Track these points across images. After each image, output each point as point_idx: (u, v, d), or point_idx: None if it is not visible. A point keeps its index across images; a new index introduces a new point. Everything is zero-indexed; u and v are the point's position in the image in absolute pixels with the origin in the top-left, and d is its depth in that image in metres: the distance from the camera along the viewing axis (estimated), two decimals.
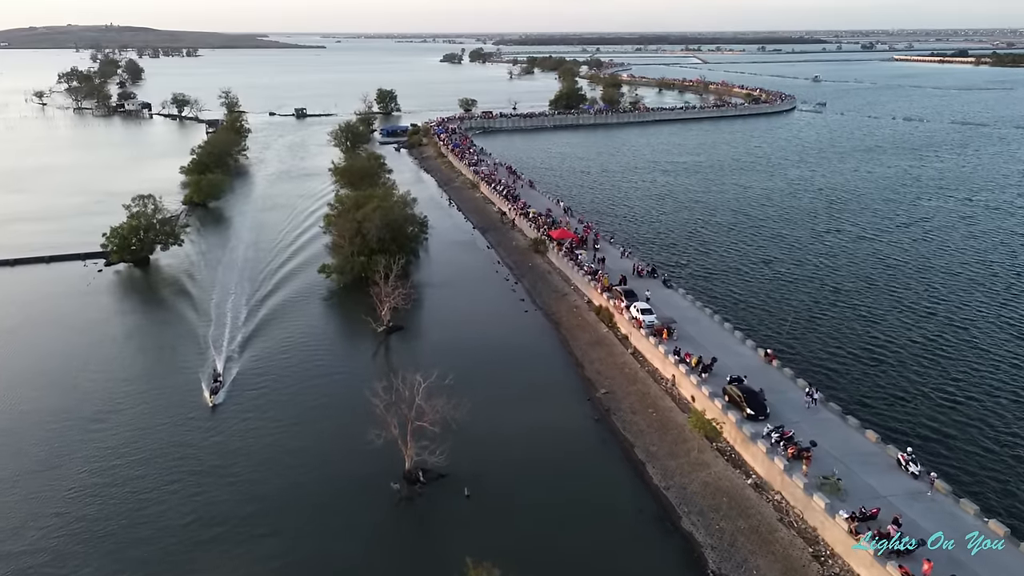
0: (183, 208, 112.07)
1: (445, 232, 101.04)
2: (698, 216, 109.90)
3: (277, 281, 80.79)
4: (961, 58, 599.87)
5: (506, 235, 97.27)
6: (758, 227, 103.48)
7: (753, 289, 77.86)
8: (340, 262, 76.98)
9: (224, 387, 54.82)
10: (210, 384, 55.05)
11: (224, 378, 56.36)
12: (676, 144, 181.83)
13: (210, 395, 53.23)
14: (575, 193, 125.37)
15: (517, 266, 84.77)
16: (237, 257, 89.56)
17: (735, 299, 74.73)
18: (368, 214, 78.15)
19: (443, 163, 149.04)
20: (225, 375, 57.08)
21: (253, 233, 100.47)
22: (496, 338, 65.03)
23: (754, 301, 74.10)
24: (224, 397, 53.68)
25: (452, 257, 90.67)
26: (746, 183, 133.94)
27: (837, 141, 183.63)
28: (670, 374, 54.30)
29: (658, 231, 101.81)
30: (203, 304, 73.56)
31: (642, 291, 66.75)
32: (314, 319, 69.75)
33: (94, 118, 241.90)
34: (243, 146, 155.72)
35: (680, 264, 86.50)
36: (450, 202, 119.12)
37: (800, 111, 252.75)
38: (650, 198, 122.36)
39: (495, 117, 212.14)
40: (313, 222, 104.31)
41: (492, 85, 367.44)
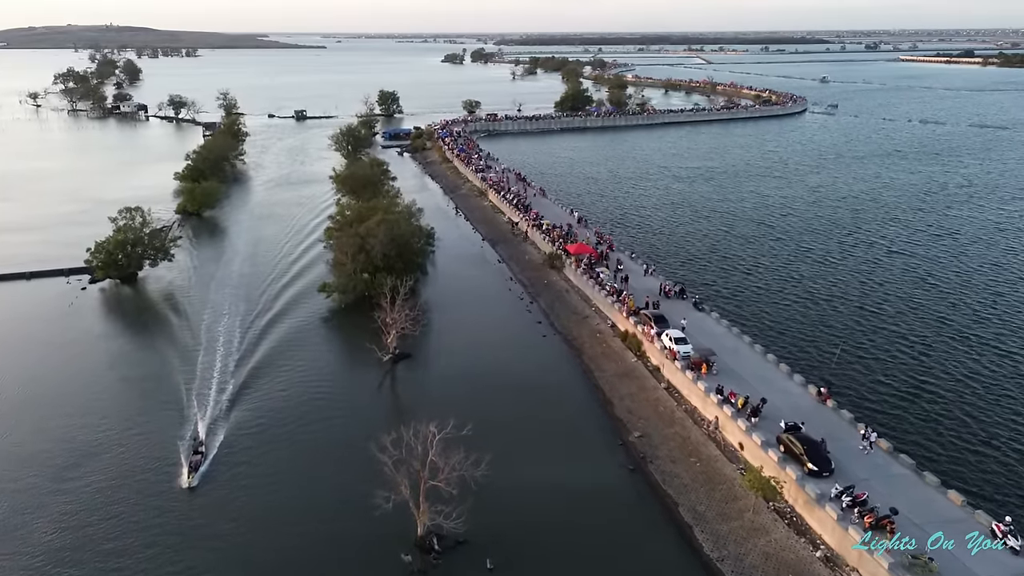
0: (176, 218, 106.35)
1: (453, 244, 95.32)
2: (717, 227, 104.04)
3: (274, 300, 75.04)
4: (968, 58, 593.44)
5: (518, 248, 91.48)
6: (782, 239, 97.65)
7: (788, 311, 71.96)
8: (342, 281, 71.24)
9: (207, 459, 45.91)
10: (189, 456, 45.73)
11: (214, 428, 49.68)
12: (687, 148, 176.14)
13: (188, 473, 44.18)
14: (586, 201, 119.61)
15: (532, 283, 78.99)
16: (232, 272, 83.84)
17: (771, 323, 68.81)
18: (372, 229, 72.40)
19: (448, 168, 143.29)
20: (215, 419, 51.15)
21: (249, 245, 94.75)
22: (513, 369, 59.24)
23: (793, 326, 68.15)
24: (208, 466, 45.37)
25: (461, 272, 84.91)
26: (764, 191, 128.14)
27: (854, 145, 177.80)
28: (712, 415, 48.52)
29: (676, 244, 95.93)
30: (193, 327, 67.80)
31: (674, 316, 60.95)
32: (313, 347, 63.88)
33: (89, 120, 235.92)
34: (240, 151, 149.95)
35: (705, 282, 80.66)
36: (457, 211, 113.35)
37: (812, 113, 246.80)
38: (665, 207, 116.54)
39: (500, 120, 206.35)
40: (313, 233, 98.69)
41: (495, 86, 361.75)
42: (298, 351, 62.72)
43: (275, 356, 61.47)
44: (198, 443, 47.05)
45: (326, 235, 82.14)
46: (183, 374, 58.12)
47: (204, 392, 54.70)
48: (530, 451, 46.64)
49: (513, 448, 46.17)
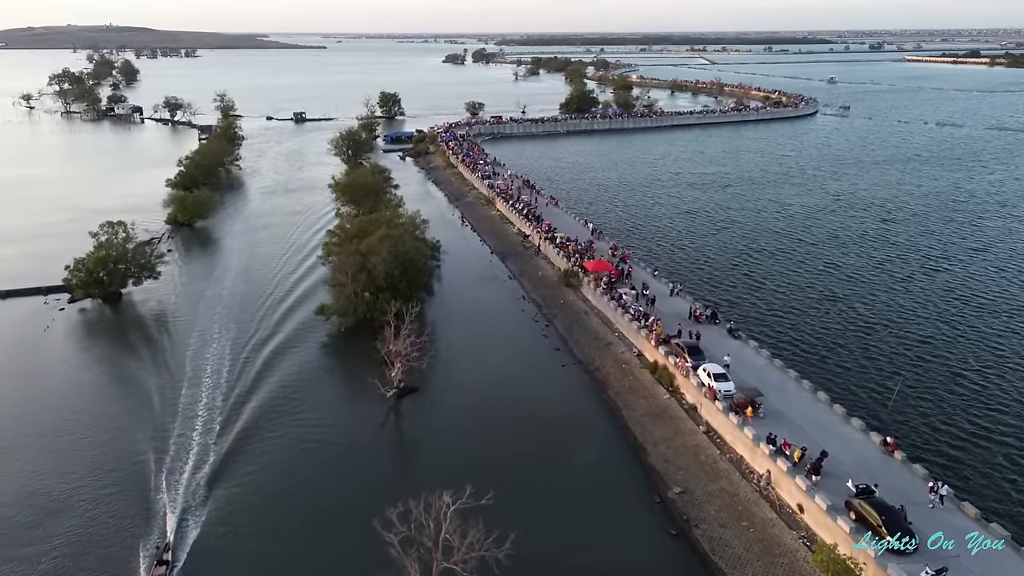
0: (166, 229, 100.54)
1: (459, 257, 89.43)
2: (737, 239, 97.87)
3: (268, 322, 69.14)
4: (974, 59, 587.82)
5: (530, 263, 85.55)
6: (809, 254, 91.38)
7: (828, 337, 65.74)
8: (341, 303, 65.32)
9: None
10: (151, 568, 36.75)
11: (188, 512, 41.24)
12: (697, 152, 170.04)
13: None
14: (596, 210, 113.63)
15: (546, 303, 73.07)
16: (223, 290, 77.96)
17: (811, 351, 62.65)
18: (373, 245, 66.46)
19: (453, 174, 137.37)
20: (190, 501, 42.54)
21: (243, 259, 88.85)
22: (531, 405, 53.28)
23: (836, 355, 61.79)
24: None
25: (470, 290, 78.96)
26: (783, 199, 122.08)
27: (872, 149, 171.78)
28: (763, 468, 42.58)
29: (695, 258, 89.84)
30: (178, 355, 61.96)
31: (708, 345, 55.00)
32: (309, 380, 57.85)
33: (82, 122, 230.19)
34: (236, 156, 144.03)
35: (730, 301, 74.58)
36: (463, 221, 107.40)
37: (824, 115, 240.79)
38: (679, 217, 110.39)
39: (505, 122, 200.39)
40: (311, 245, 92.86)
41: (497, 87, 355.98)
42: (292, 385, 56.80)
43: (266, 393, 55.54)
44: (164, 547, 38.04)
45: (324, 251, 76.21)
46: (163, 414, 52.24)
47: (183, 448, 48.27)
48: (558, 516, 40.48)
49: (537, 513, 40.11)
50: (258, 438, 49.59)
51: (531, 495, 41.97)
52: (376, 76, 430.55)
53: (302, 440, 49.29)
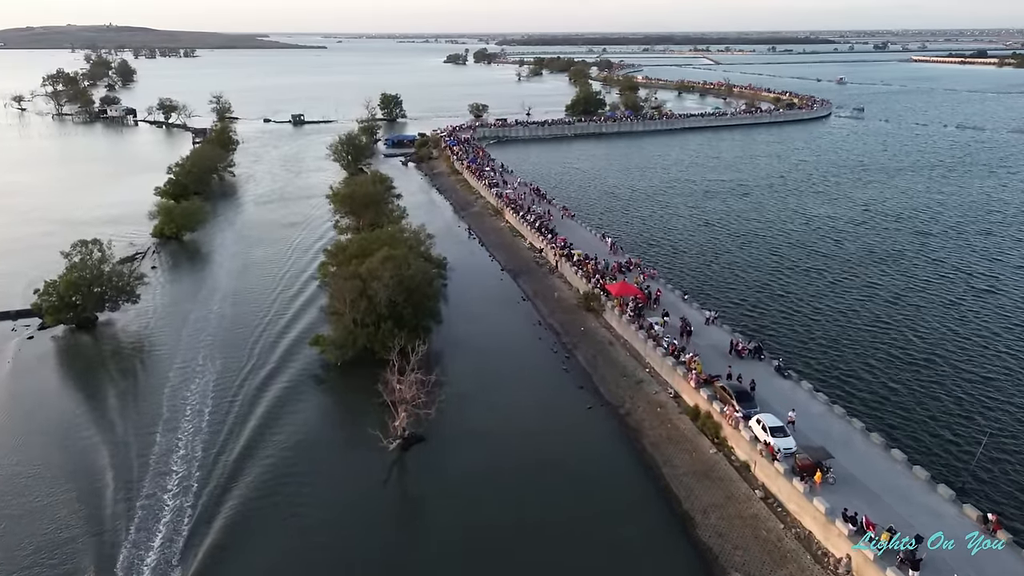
0: (152, 243, 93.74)
1: (468, 275, 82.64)
2: (764, 255, 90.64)
3: (257, 352, 62.36)
4: (981, 59, 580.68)
5: (545, 282, 78.68)
6: (844, 272, 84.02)
7: (885, 375, 58.30)
8: (339, 334, 58.53)
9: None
10: None
11: None
12: (710, 157, 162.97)
13: None
14: (608, 221, 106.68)
15: (565, 330, 66.22)
16: (210, 313, 71.16)
17: (867, 391, 55.50)
18: (375, 269, 59.63)
19: (458, 181, 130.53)
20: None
21: (233, 277, 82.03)
22: (556, 459, 46.42)
23: (898, 398, 54.51)
24: None
25: (480, 313, 72.06)
26: (808, 209, 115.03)
27: (894, 155, 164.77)
28: (842, 552, 35.74)
29: (721, 277, 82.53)
30: (156, 392, 55.26)
31: (766, 395, 48.13)
32: (301, 426, 50.89)
33: (74, 125, 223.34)
34: (230, 161, 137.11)
35: (764, 328, 67.47)
36: (470, 233, 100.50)
37: (838, 117, 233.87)
38: (697, 229, 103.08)
39: (511, 125, 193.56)
40: (308, 260, 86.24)
41: (500, 88, 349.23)
42: (283, 431, 49.98)
43: (252, 441, 48.73)
44: None
45: (320, 272, 69.30)
46: (132, 468, 45.46)
47: (152, 514, 41.42)
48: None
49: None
50: (242, 500, 42.83)
51: None
52: (376, 76, 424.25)
53: (292, 503, 42.48)
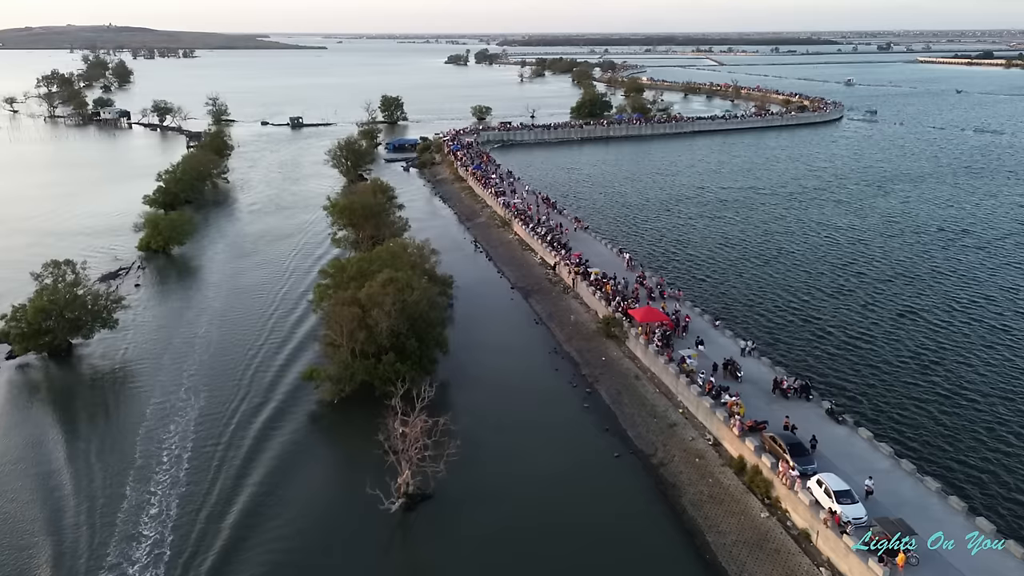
0: (138, 257, 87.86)
1: (475, 293, 76.73)
2: (789, 273, 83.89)
3: (245, 384, 56.55)
4: (988, 60, 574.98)
5: (560, 304, 72.65)
6: (878, 294, 76.61)
7: (946, 419, 51.85)
8: (335, 368, 52.58)
9: None
10: None
11: None
12: (722, 163, 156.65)
13: None
14: (620, 232, 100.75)
15: (585, 360, 60.23)
16: (196, 339, 65.26)
17: (928, 438, 49.24)
18: (375, 295, 53.66)
19: (462, 188, 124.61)
20: None
21: (223, 296, 76.11)
22: (582, 522, 40.42)
23: (963, 446, 48.30)
24: None
25: (489, 338, 66.06)
26: (830, 220, 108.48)
27: (913, 160, 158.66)
28: None
29: (744, 298, 75.93)
30: (129, 435, 49.37)
31: (807, 432, 42.06)
32: (293, 478, 44.87)
33: (66, 128, 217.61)
34: (223, 168, 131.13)
35: (797, 359, 61.32)
36: (476, 246, 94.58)
37: (850, 120, 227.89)
38: (717, 242, 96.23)
39: (515, 128, 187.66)
40: (305, 277, 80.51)
41: (503, 89, 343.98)
42: (271, 485, 44.03)
43: (236, 497, 42.82)
44: None
45: (316, 295, 63.25)
46: (95, 530, 39.51)
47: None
48: None
49: None
50: (223, 573, 36.96)
51: None
52: (377, 77, 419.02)
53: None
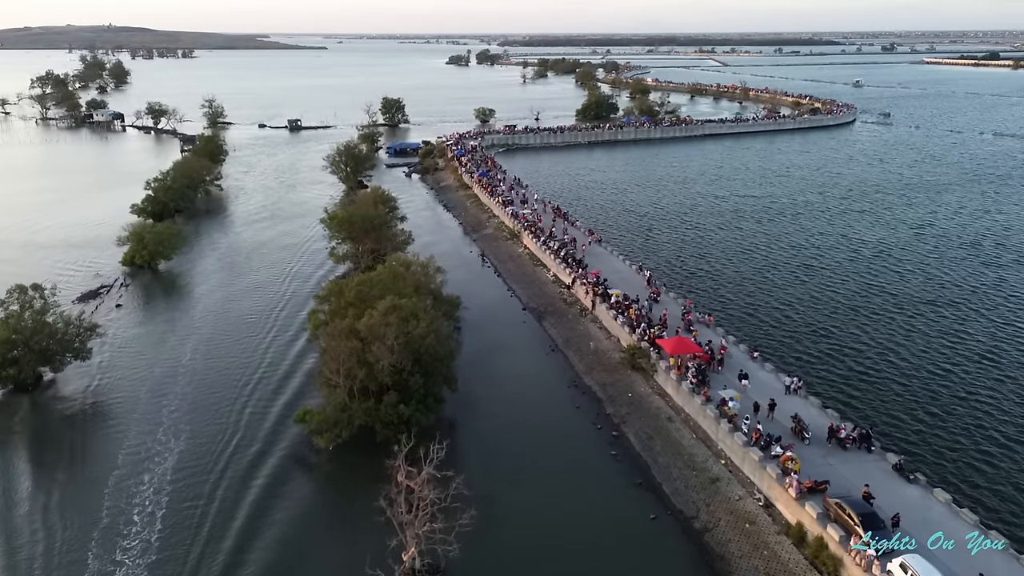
0: (121, 273, 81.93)
1: (483, 313, 70.81)
2: (818, 294, 76.96)
3: (230, 425, 50.64)
4: (995, 61, 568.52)
5: (577, 328, 66.63)
6: (920, 322, 69.45)
7: (1019, 475, 46.46)
8: (331, 410, 46.60)
9: None
10: None
11: None
12: (735, 168, 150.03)
13: None
14: (633, 244, 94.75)
15: (609, 395, 54.25)
16: (180, 368, 59.39)
17: (1007, 495, 43.63)
18: (376, 326, 47.72)
19: (467, 196, 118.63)
20: None
21: (211, 319, 70.12)
22: None
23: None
24: None
25: (501, 368, 60.04)
26: (856, 233, 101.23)
27: (935, 166, 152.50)
28: None
29: (773, 321, 69.62)
30: (97, 486, 43.48)
31: (903, 521, 36.01)
32: (282, 550, 38.87)
33: (58, 130, 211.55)
34: (217, 174, 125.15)
35: (840, 396, 55.40)
36: (483, 260, 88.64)
37: (864, 123, 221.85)
38: (737, 257, 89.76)
39: (520, 132, 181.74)
40: (303, 294, 74.68)
41: (505, 90, 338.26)
42: (254, 558, 38.09)
43: (210, 570, 36.93)
44: None
45: (310, 324, 57.24)
46: None
47: None
48: None
49: None
50: None
51: None
52: (377, 78, 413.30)
53: None
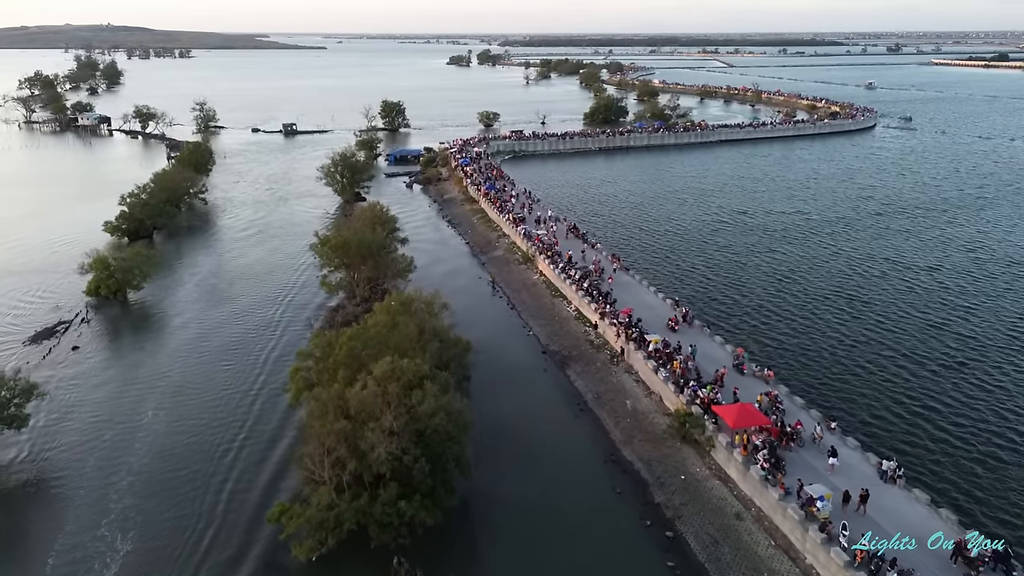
0: (85, 304, 72.19)
1: (496, 355, 61.08)
2: (875, 335, 66.31)
3: (194, 517, 40.96)
4: (1006, 63, 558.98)
5: (608, 379, 56.73)
6: (996, 367, 60.60)
7: None
8: (314, 511, 36.88)
9: None
10: None
11: None
12: (756, 179, 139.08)
13: None
14: (659, 272, 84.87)
15: (655, 476, 44.39)
16: (136, 433, 49.71)
17: None
18: (370, 404, 37.97)
19: (473, 211, 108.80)
20: None
21: (181, 364, 60.36)
22: None
23: None
24: None
25: (520, 431, 50.00)
26: (905, 257, 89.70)
27: (973, 178, 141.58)
28: None
29: (829, 369, 59.68)
30: None
31: None
32: None
33: (42, 135, 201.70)
34: (202, 187, 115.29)
35: (957, 487, 45.77)
36: (494, 288, 78.83)
37: (886, 128, 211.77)
38: (777, 288, 78.56)
39: (527, 138, 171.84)
40: (296, 329, 65.00)
41: (508, 92, 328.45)
42: None
43: None
44: None
45: (292, 385, 47.26)
46: None
47: None
48: None
49: None
50: None
51: None
52: (377, 79, 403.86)
53: None
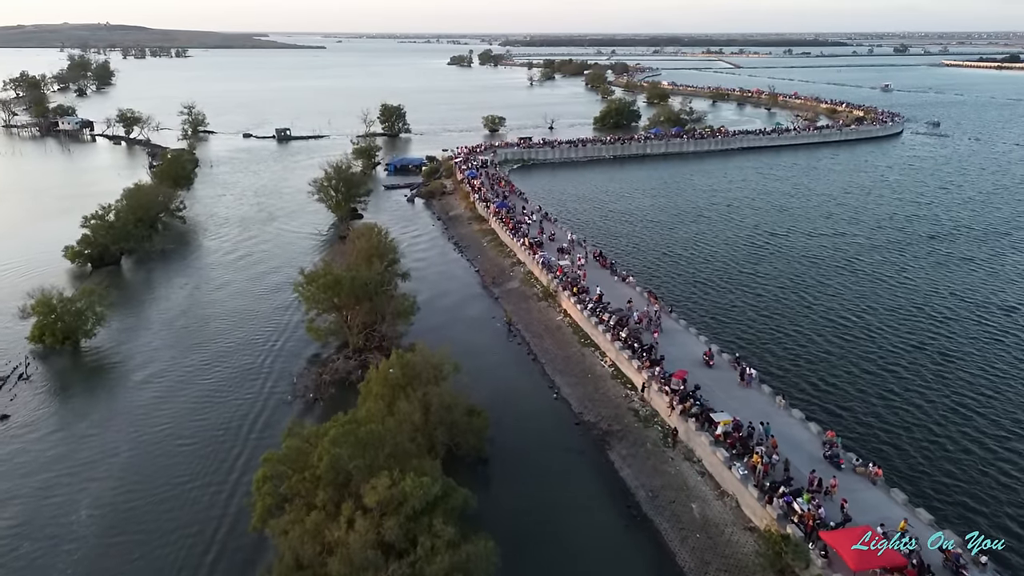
0: (28, 353, 60.69)
1: (517, 424, 49.84)
2: (968, 399, 55.76)
3: None
4: (1018, 64, 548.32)
5: (665, 470, 45.08)
6: None
7: None
8: None
9: None
10: None
11: None
12: (786, 193, 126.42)
13: None
14: (697, 309, 73.56)
15: None
16: (57, 554, 38.31)
17: None
18: (363, 558, 26.60)
19: (483, 232, 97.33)
20: None
21: (133, 441, 48.89)
22: None
23: None
24: None
25: (559, 550, 38.78)
26: (979, 297, 76.06)
27: (1018, 191, 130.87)
28: None
29: (957, 475, 48.99)
30: None
31: None
32: None
33: (21, 140, 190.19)
34: (179, 203, 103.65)
35: None
36: (511, 331, 67.37)
37: (914, 134, 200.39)
38: (838, 335, 66.12)
39: (536, 145, 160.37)
40: (279, 382, 53.62)
41: (512, 94, 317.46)
42: None
43: None
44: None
45: (257, 504, 35.72)
46: None
47: None
48: None
49: None
50: None
51: None
52: (376, 80, 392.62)
53: None
